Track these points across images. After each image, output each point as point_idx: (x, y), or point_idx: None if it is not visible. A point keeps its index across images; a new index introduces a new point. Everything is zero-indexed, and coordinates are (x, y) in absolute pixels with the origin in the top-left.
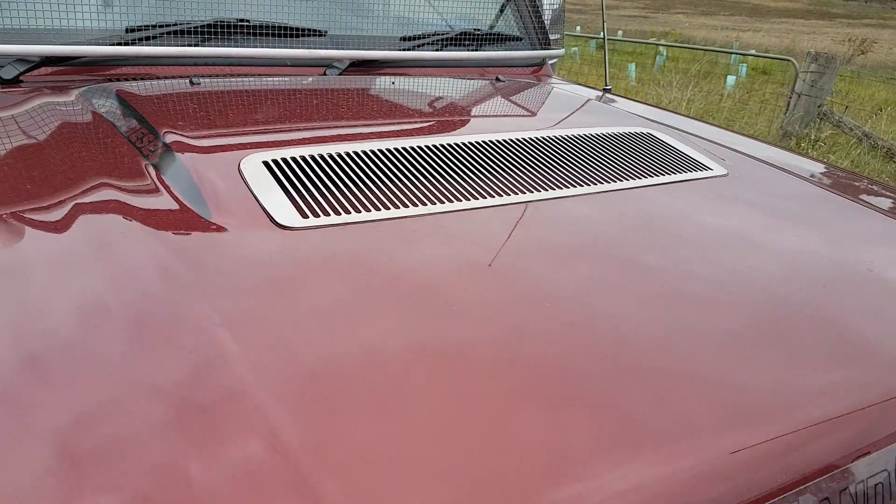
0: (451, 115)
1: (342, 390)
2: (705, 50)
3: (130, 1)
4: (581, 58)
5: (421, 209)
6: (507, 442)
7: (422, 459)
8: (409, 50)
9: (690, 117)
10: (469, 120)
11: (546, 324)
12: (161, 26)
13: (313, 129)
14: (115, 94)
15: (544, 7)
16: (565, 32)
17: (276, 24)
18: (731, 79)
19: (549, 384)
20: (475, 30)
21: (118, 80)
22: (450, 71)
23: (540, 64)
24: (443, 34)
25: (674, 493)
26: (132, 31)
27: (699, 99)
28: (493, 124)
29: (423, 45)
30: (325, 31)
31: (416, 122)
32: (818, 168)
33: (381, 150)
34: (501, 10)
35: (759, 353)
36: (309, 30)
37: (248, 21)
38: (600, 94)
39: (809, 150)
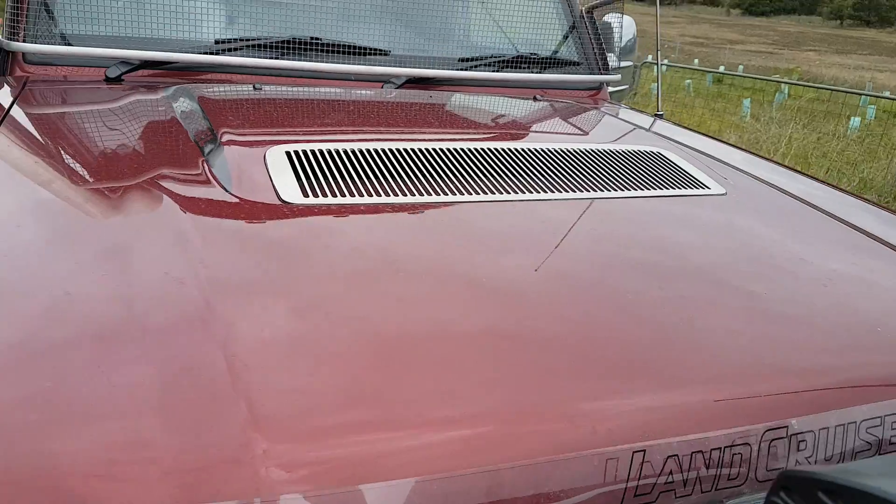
0: (468, 125)
1: (310, 321)
2: (830, 89)
3: (219, 17)
4: (694, 90)
5: (408, 199)
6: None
7: (412, 389)
8: (463, 70)
9: (730, 144)
10: (482, 129)
11: (501, 290)
12: (244, 40)
13: (344, 130)
14: (191, 94)
15: (614, 35)
16: (681, 65)
17: (344, 43)
18: (855, 120)
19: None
20: (532, 54)
21: (200, 83)
22: (499, 90)
23: (597, 89)
24: (497, 57)
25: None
26: (219, 42)
27: (803, 137)
28: (503, 133)
29: (478, 66)
30: (389, 51)
31: (433, 129)
32: (832, 195)
33: (391, 150)
34: (563, 36)
35: (680, 326)
36: (374, 49)
37: (319, 39)
38: (651, 119)
39: None
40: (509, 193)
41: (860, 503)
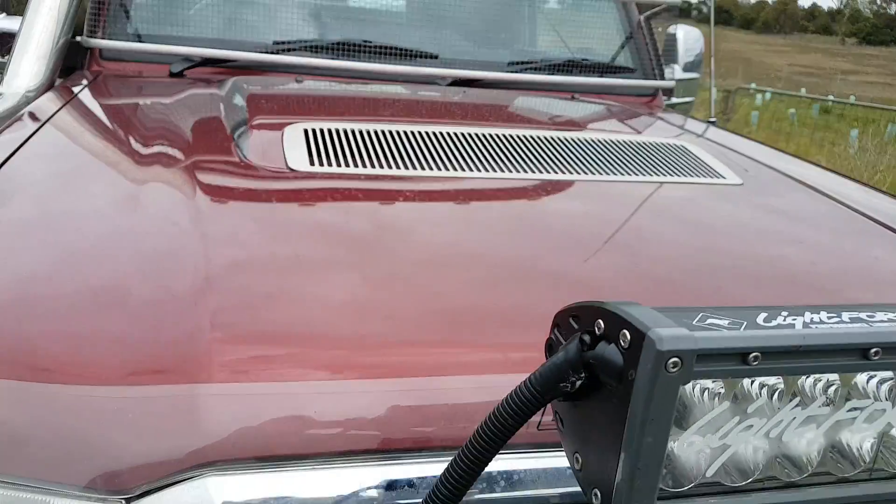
0: (491, 115)
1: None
2: None
3: (275, 20)
4: (798, 120)
5: (404, 172)
6: None
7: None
8: (511, 72)
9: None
10: (502, 118)
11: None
12: (298, 42)
13: (368, 117)
14: (239, 88)
15: (679, 47)
16: (784, 91)
17: (394, 46)
18: None
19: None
20: (583, 59)
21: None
22: (540, 92)
23: (651, 95)
24: (545, 61)
25: None
26: (278, 43)
27: None
28: (520, 122)
29: (525, 69)
30: (437, 55)
31: (456, 118)
32: (853, 189)
33: (405, 132)
34: (613, 41)
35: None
36: (423, 52)
37: (370, 42)
38: (700, 124)
39: None
40: (508, 173)
41: (609, 320)
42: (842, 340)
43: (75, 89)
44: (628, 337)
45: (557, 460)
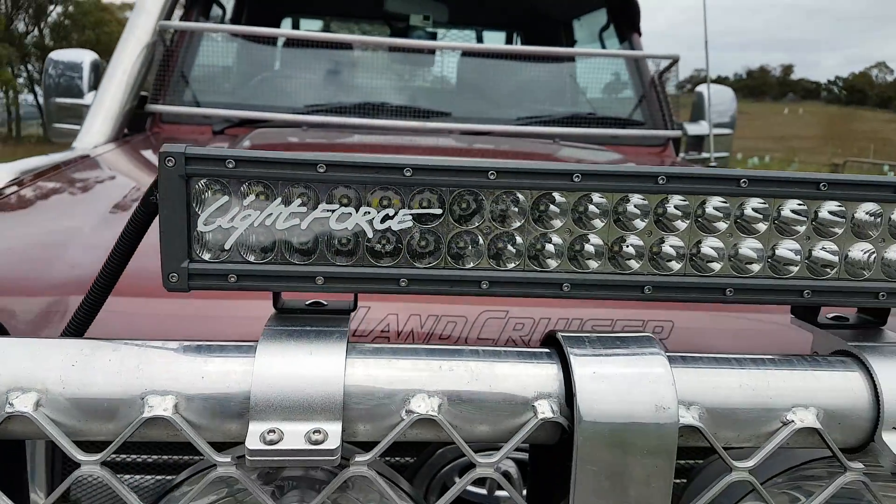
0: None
1: None
2: None
3: (304, 89)
4: None
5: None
6: None
7: None
8: (514, 125)
9: None
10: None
11: None
12: (322, 104)
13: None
14: (253, 137)
15: (709, 104)
16: (862, 160)
17: (409, 107)
18: None
19: None
20: (589, 114)
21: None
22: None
23: (662, 145)
24: (545, 117)
25: None
26: (309, 106)
27: None
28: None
29: (529, 124)
30: (450, 112)
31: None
32: None
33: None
34: (629, 97)
35: None
36: (435, 111)
37: (388, 103)
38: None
39: None
40: None
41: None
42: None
43: (131, 143)
44: None
45: None
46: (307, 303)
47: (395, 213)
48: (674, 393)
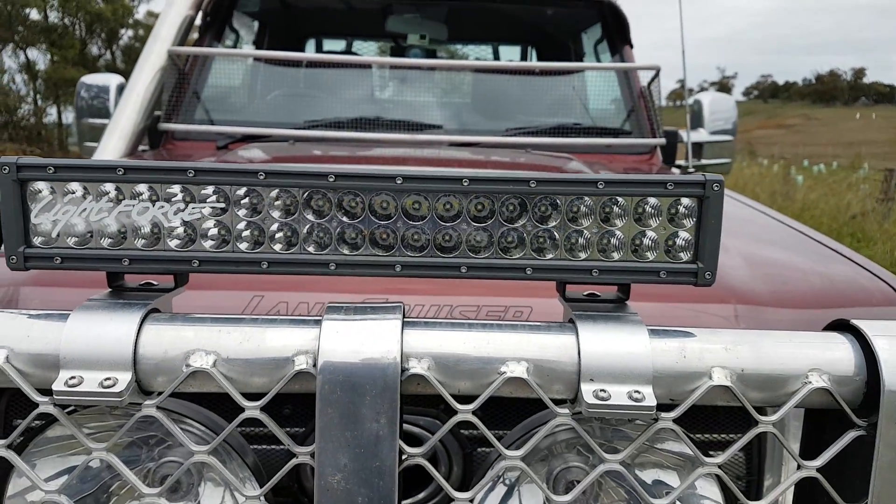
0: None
1: None
2: None
3: (303, 106)
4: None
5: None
6: None
7: None
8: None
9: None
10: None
11: None
12: (319, 120)
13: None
14: (250, 150)
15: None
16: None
17: (400, 120)
18: None
19: None
20: (575, 124)
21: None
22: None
23: (648, 153)
24: (532, 128)
25: None
26: (308, 121)
27: None
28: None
29: (516, 133)
30: (442, 125)
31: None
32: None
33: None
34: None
35: None
36: (426, 124)
37: (382, 117)
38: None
39: None
40: None
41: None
42: None
43: (143, 159)
44: None
45: None
46: (140, 283)
47: (186, 207)
48: (398, 346)
